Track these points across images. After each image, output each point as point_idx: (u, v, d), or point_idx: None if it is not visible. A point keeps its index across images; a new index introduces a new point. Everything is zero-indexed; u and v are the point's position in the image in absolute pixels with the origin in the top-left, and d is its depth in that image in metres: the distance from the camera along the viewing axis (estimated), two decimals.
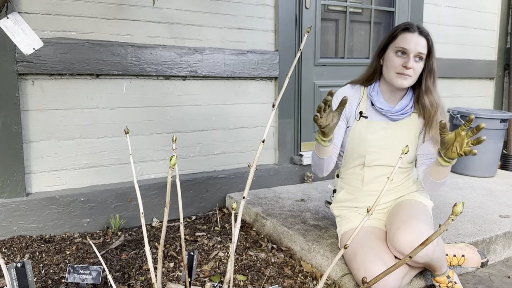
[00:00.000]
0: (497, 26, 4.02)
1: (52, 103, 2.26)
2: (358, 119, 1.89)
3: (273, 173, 2.94)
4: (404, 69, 1.74)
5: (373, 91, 1.87)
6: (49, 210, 2.26)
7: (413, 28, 1.77)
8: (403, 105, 1.84)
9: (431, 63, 1.78)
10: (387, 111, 1.84)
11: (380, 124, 1.86)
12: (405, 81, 1.76)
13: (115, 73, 2.36)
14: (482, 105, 4.09)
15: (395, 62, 1.76)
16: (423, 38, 1.75)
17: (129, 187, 2.46)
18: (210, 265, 2.00)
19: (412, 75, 1.76)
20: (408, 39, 1.75)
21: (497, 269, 2.12)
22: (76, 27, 2.27)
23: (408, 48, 1.74)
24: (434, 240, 1.59)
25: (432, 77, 1.79)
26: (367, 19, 3.33)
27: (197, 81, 2.64)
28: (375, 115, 1.88)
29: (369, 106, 1.90)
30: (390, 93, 1.86)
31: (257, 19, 2.79)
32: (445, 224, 0.76)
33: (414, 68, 1.75)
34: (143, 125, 2.52)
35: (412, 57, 1.74)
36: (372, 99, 1.86)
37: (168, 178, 1.09)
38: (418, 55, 1.75)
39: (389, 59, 1.79)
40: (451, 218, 0.76)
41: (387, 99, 1.86)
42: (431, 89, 1.80)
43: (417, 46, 1.74)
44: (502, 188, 3.02)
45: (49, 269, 1.92)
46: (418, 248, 0.79)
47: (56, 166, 2.31)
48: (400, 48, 1.75)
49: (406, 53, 1.75)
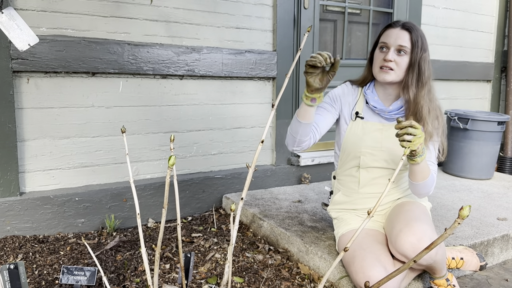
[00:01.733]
0: (494, 28, 4.02)
1: (47, 101, 2.23)
2: (354, 119, 1.88)
3: (270, 174, 2.92)
4: (384, 62, 1.74)
5: (368, 89, 1.87)
6: (43, 210, 2.23)
7: (396, 24, 1.78)
8: (398, 106, 1.82)
9: (414, 58, 1.73)
10: (380, 110, 1.82)
11: (375, 125, 1.85)
12: (387, 75, 1.75)
13: (111, 71, 2.33)
14: (479, 107, 4.09)
15: (378, 56, 1.79)
16: (405, 32, 1.75)
17: (124, 187, 2.43)
18: (206, 266, 1.97)
19: (395, 69, 1.75)
20: (389, 34, 1.77)
21: (495, 272, 2.11)
22: (72, 25, 2.24)
23: (387, 42, 1.75)
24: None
25: (415, 72, 1.74)
26: (365, 20, 3.32)
27: (194, 80, 2.62)
28: (371, 116, 1.87)
29: (365, 107, 1.89)
30: (384, 92, 1.85)
31: (255, 18, 2.77)
32: (451, 227, 0.75)
33: (396, 61, 1.74)
34: (139, 125, 2.49)
35: (392, 50, 1.74)
36: (367, 97, 1.85)
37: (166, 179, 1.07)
38: (399, 48, 1.74)
39: (375, 57, 1.82)
40: (458, 222, 0.74)
41: (381, 99, 1.86)
42: (410, 84, 1.74)
43: (397, 39, 1.74)
44: (499, 190, 3.01)
45: (43, 270, 1.89)
46: (423, 251, 0.77)
47: (51, 165, 2.28)
48: (382, 43, 1.78)
49: (387, 47, 1.76)
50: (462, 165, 3.32)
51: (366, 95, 1.86)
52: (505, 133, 3.84)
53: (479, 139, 3.26)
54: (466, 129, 3.27)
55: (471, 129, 3.25)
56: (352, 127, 1.87)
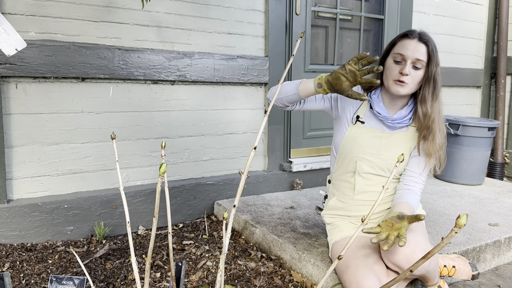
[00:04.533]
0: (484, 35, 4.06)
1: (35, 107, 2.19)
2: (354, 123, 1.86)
3: (262, 180, 2.90)
4: (400, 76, 1.69)
5: (374, 94, 1.84)
6: (31, 218, 2.19)
7: (412, 35, 1.72)
8: (402, 115, 1.79)
9: (431, 71, 1.70)
10: (384, 117, 1.80)
11: (376, 131, 1.83)
12: (402, 88, 1.71)
13: (101, 76, 2.30)
14: (469, 113, 4.12)
15: (393, 69, 1.72)
16: (422, 45, 1.69)
17: (114, 194, 2.40)
18: (198, 275, 1.94)
19: (410, 83, 1.70)
20: (406, 45, 1.70)
21: (487, 278, 2.11)
22: (62, 29, 2.21)
23: (405, 54, 1.69)
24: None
25: (431, 86, 1.71)
26: (356, 26, 3.33)
27: (186, 86, 2.60)
28: (372, 121, 1.84)
29: (368, 112, 1.86)
30: (390, 100, 1.81)
31: (247, 24, 2.76)
32: (448, 237, 0.73)
33: (412, 75, 1.69)
34: (129, 130, 2.46)
35: (409, 63, 1.68)
36: (372, 102, 1.82)
37: (157, 187, 1.05)
38: (416, 61, 1.68)
39: (388, 67, 1.75)
40: (455, 231, 0.73)
41: (387, 106, 1.82)
42: (427, 98, 1.72)
43: (415, 52, 1.68)
44: (490, 196, 3.02)
45: (30, 279, 1.84)
46: (419, 261, 0.76)
47: (39, 172, 2.24)
48: (398, 55, 1.71)
49: (404, 59, 1.70)
50: (453, 170, 3.34)
51: (372, 100, 1.82)
52: (495, 138, 3.87)
53: (470, 145, 3.28)
54: (457, 135, 3.28)
55: (462, 135, 3.27)
56: (352, 130, 1.85)
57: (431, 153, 1.74)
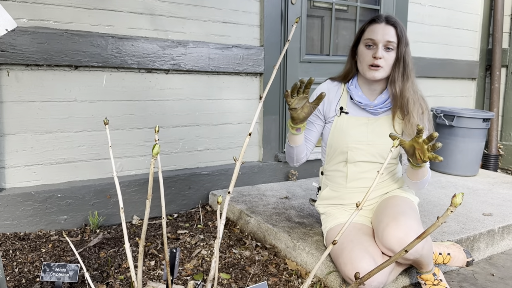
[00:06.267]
0: (479, 27, 4.06)
1: (28, 94, 2.17)
2: (339, 115, 1.86)
3: (257, 170, 2.89)
4: (374, 59, 1.72)
5: (351, 85, 1.86)
6: (24, 207, 2.17)
7: (380, 19, 1.76)
8: (383, 100, 1.81)
9: (401, 52, 1.73)
10: (366, 105, 1.81)
11: (361, 119, 1.84)
12: (377, 72, 1.74)
13: (94, 65, 2.28)
14: (464, 105, 4.13)
15: (366, 54, 1.76)
16: (390, 27, 1.73)
17: (108, 183, 2.38)
18: (192, 263, 1.94)
19: (384, 66, 1.73)
20: (375, 30, 1.74)
21: (480, 266, 2.12)
22: (55, 16, 2.18)
23: (375, 39, 1.73)
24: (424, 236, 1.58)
25: (400, 66, 1.75)
26: (352, 17, 3.31)
27: (180, 75, 2.58)
28: (355, 110, 1.86)
29: (349, 102, 1.87)
30: (368, 87, 1.84)
31: (242, 13, 2.74)
32: (443, 216, 0.73)
33: (385, 58, 1.73)
34: (123, 120, 2.44)
35: (380, 46, 1.72)
36: (351, 93, 1.84)
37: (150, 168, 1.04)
38: (387, 44, 1.72)
39: (361, 53, 1.79)
40: (450, 210, 0.72)
41: (366, 93, 1.85)
42: (397, 79, 1.75)
43: (384, 35, 1.72)
44: (484, 187, 3.04)
45: (23, 268, 1.83)
46: (414, 241, 0.75)
47: (32, 161, 2.22)
48: (369, 40, 1.74)
49: (375, 44, 1.73)
50: (448, 161, 3.34)
51: (350, 91, 1.85)
52: (490, 130, 3.88)
53: (465, 136, 3.28)
54: (452, 126, 3.29)
55: (456, 126, 3.27)
56: (338, 122, 1.86)
57: (410, 132, 1.75)
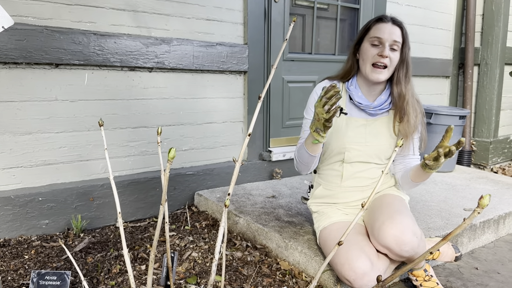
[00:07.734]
0: (452, 26, 4.17)
1: (6, 94, 2.07)
2: (338, 115, 1.85)
3: (242, 169, 2.87)
4: (380, 58, 1.72)
5: (351, 85, 1.85)
6: (3, 212, 2.07)
7: (386, 18, 1.76)
8: (382, 101, 1.82)
9: (405, 53, 1.76)
10: (365, 106, 1.81)
11: (359, 120, 1.84)
12: (381, 75, 1.74)
13: (76, 63, 2.19)
14: (439, 102, 4.23)
15: (371, 52, 1.74)
16: (397, 27, 1.74)
17: (91, 186, 2.31)
18: (184, 266, 1.90)
19: (388, 66, 1.74)
20: (382, 29, 1.73)
21: (464, 261, 2.18)
22: (33, 12, 2.08)
23: (382, 37, 1.72)
24: (419, 234, 1.60)
25: (404, 68, 1.77)
26: (333, 16, 3.33)
27: (164, 73, 2.52)
28: (354, 111, 1.85)
29: (348, 103, 1.87)
30: (368, 88, 1.83)
31: (226, 10, 2.71)
32: (469, 217, 0.73)
33: (390, 57, 1.73)
34: (106, 119, 2.36)
35: (387, 45, 1.72)
36: (351, 93, 1.83)
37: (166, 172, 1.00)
38: (393, 44, 1.72)
39: (365, 51, 1.76)
40: (477, 211, 0.73)
41: (365, 94, 1.84)
42: (401, 80, 1.77)
43: (392, 34, 1.72)
44: (462, 182, 3.12)
45: (7, 276, 1.75)
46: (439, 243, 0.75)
47: (11, 163, 2.12)
48: (375, 38, 1.73)
49: (381, 43, 1.73)
50: None
51: (350, 91, 1.83)
52: (464, 127, 4.00)
53: (442, 133, 3.37)
54: (429, 123, 3.36)
55: (434, 123, 3.35)
56: (336, 123, 1.85)
57: (407, 134, 1.79)
